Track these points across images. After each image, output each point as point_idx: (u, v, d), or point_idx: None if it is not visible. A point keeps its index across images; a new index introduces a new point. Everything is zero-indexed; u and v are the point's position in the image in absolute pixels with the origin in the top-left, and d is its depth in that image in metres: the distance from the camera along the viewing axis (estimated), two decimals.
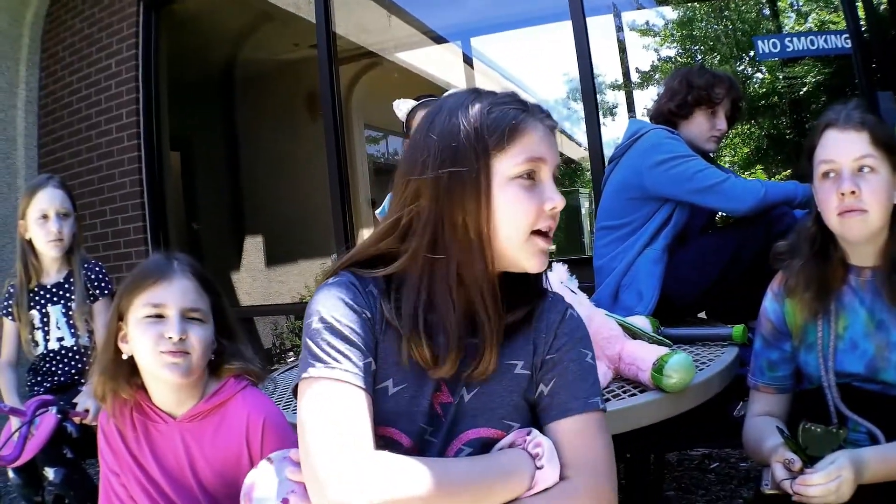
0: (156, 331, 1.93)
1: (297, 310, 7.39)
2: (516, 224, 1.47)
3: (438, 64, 7.87)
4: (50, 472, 3.07)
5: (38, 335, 3.49)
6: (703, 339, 2.88)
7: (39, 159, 7.09)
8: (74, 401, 3.07)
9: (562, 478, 1.47)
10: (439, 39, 7.61)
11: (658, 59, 6.13)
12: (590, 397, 1.54)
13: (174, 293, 1.97)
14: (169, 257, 2.07)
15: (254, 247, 8.16)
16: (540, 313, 1.60)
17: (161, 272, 1.99)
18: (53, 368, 3.48)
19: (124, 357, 2.01)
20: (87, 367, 3.31)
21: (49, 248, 3.41)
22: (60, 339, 3.47)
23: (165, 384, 1.99)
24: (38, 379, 3.51)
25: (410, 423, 1.50)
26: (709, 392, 2.36)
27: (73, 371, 3.49)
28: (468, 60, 7.24)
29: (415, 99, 3.64)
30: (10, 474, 3.22)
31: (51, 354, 3.47)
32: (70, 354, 3.49)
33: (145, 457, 2.03)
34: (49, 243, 3.40)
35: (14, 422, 3.01)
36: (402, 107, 3.61)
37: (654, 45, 6.04)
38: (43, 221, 3.39)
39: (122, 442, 2.05)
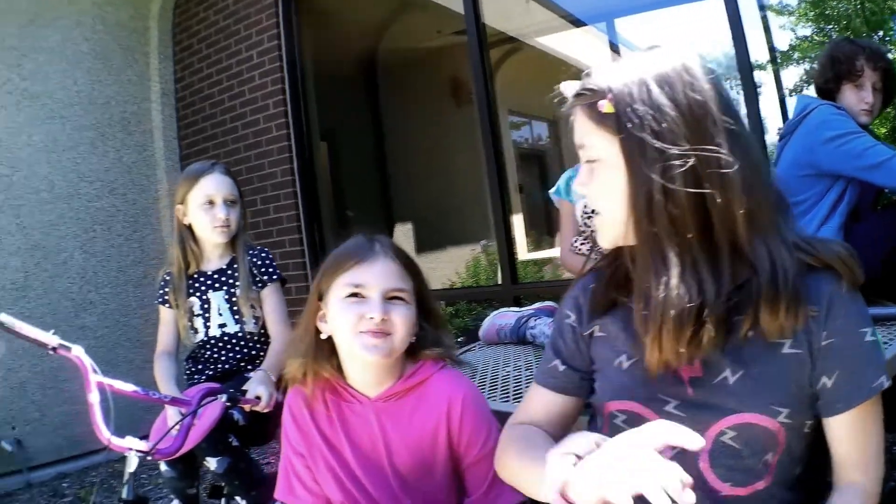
0: (357, 311, 1.93)
1: (449, 296, 7.41)
2: None
3: (580, 47, 7.80)
4: (212, 462, 2.98)
5: (198, 322, 3.38)
6: (881, 319, 2.70)
7: (181, 151, 7.26)
8: (244, 388, 2.93)
9: (843, 479, 1.45)
10: (580, 22, 7.52)
11: (795, 38, 6.08)
12: (873, 381, 1.43)
13: (376, 274, 1.97)
14: (371, 239, 2.06)
15: (403, 234, 8.19)
16: (808, 286, 1.43)
17: (363, 253, 2.00)
18: (215, 356, 3.39)
19: (323, 337, 2.03)
20: (254, 354, 3.37)
21: (215, 235, 3.31)
22: (222, 326, 3.36)
23: (364, 364, 2.00)
24: (199, 367, 3.42)
25: (648, 394, 1.51)
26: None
27: (237, 358, 3.38)
28: (611, 43, 7.15)
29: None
30: (163, 467, 3.14)
31: (212, 341, 3.37)
32: (234, 341, 3.37)
33: (338, 438, 2.05)
34: (215, 229, 3.29)
35: (171, 411, 2.98)
36: (570, 88, 3.54)
37: (790, 24, 5.98)
38: (208, 207, 3.29)
39: (314, 423, 2.07)
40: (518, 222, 8.35)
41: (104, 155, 6.63)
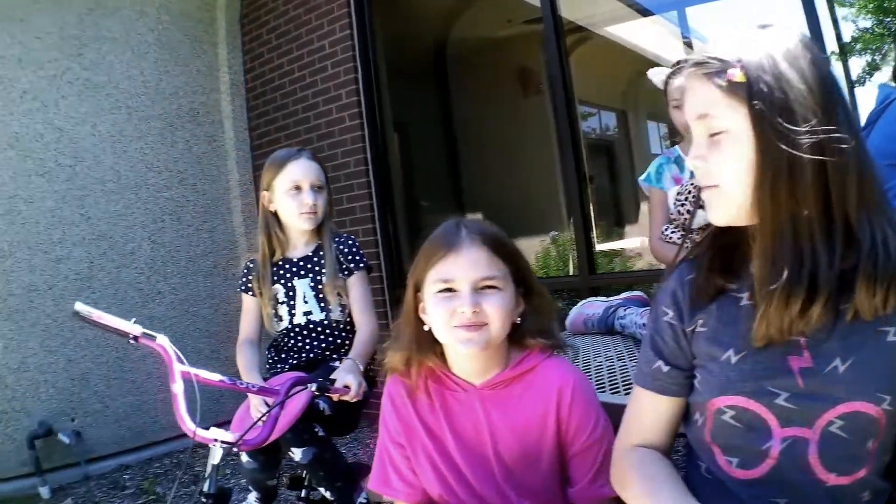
0: (448, 306, 1.88)
1: None
2: None
3: (648, 37, 7.60)
4: (297, 453, 2.92)
5: (283, 310, 3.33)
6: None
7: (251, 141, 7.26)
8: (332, 377, 2.82)
9: None
10: (648, 11, 7.33)
11: (857, 30, 5.88)
12: None
13: (462, 266, 1.90)
14: (458, 225, 1.98)
15: None
16: None
17: (449, 244, 1.93)
18: (299, 344, 3.31)
19: (426, 328, 1.97)
20: (339, 343, 3.31)
21: (302, 221, 3.25)
22: (308, 314, 3.29)
23: (466, 354, 1.95)
24: (282, 356, 3.36)
25: (757, 387, 1.47)
26: None
27: (321, 346, 3.31)
28: (681, 32, 6.92)
29: (671, 66, 3.50)
30: (244, 458, 3.09)
31: (296, 329, 3.31)
32: (319, 329, 3.30)
33: (440, 427, 2.02)
34: (302, 216, 3.24)
35: (255, 401, 2.95)
36: (658, 75, 3.57)
37: (851, 15, 5.78)
38: (295, 193, 3.24)
39: (415, 412, 2.04)
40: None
41: (173, 145, 6.61)
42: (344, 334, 3.32)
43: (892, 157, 3.27)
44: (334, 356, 3.28)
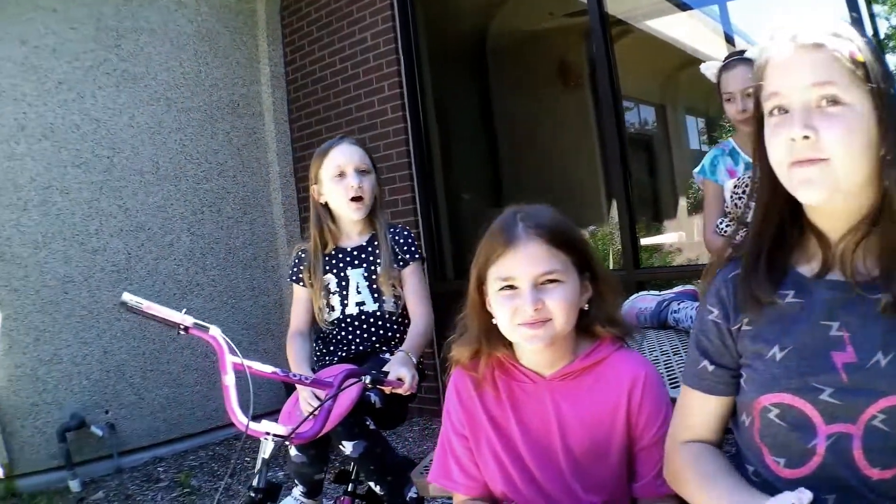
0: (510, 305, 1.84)
1: None
2: None
3: (687, 31, 7.48)
4: (348, 447, 2.87)
5: (335, 300, 3.28)
6: None
7: (292, 134, 7.24)
8: (385, 369, 2.79)
9: None
10: (688, 6, 7.17)
11: (890, 28, 5.79)
12: None
13: (521, 263, 1.85)
14: (515, 216, 1.92)
15: None
16: None
17: (507, 240, 1.87)
18: (349, 336, 3.26)
19: (494, 322, 1.92)
20: (390, 336, 3.28)
21: (351, 210, 3.21)
22: (360, 304, 3.24)
23: (533, 348, 1.91)
24: (331, 348, 3.31)
25: (802, 383, 1.47)
26: None
27: (372, 339, 3.26)
28: (723, 28, 6.79)
29: (723, 59, 3.58)
30: (293, 452, 3.03)
31: (347, 320, 3.26)
32: (371, 321, 3.25)
33: (507, 419, 1.98)
34: (350, 203, 3.19)
35: (304, 394, 2.90)
36: (710, 69, 3.58)
37: (884, 13, 5.69)
38: (339, 178, 3.19)
39: (481, 404, 2.00)
40: None
41: (213, 137, 6.59)
42: (396, 327, 3.28)
43: None
44: (384, 348, 3.25)
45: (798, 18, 1.51)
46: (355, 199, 3.18)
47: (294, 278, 3.32)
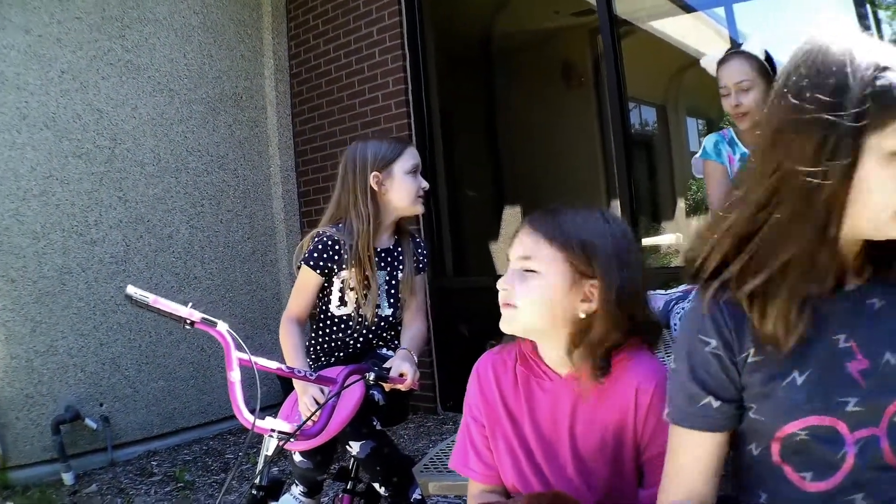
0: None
1: None
2: None
3: (689, 32, 7.45)
4: (355, 447, 2.85)
5: (350, 296, 3.22)
6: None
7: (294, 128, 7.22)
8: (386, 365, 2.79)
9: None
10: (693, 8, 7.13)
11: (892, 32, 5.80)
12: None
13: (516, 245, 1.92)
14: (549, 210, 1.95)
15: (513, 216, 7.94)
16: None
17: (522, 223, 1.94)
18: (349, 338, 3.23)
19: None
20: (388, 339, 3.29)
21: (418, 205, 3.20)
22: (377, 307, 3.20)
23: (560, 342, 1.90)
24: (329, 346, 3.27)
25: (827, 402, 1.42)
26: None
27: (375, 339, 3.27)
28: (728, 30, 6.77)
29: (727, 53, 3.58)
30: (297, 457, 3.01)
31: (359, 319, 3.21)
32: (381, 324, 3.23)
33: (521, 412, 1.98)
34: (418, 199, 3.19)
35: (304, 398, 2.85)
36: (710, 63, 3.61)
37: (887, 18, 5.69)
38: (414, 176, 3.18)
39: (500, 394, 2.01)
40: None
41: (215, 130, 6.55)
42: (394, 333, 3.28)
43: None
44: (380, 344, 3.27)
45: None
46: (420, 196, 3.19)
47: (313, 264, 3.12)
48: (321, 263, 3.12)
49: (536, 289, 1.83)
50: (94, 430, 5.44)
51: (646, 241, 8.02)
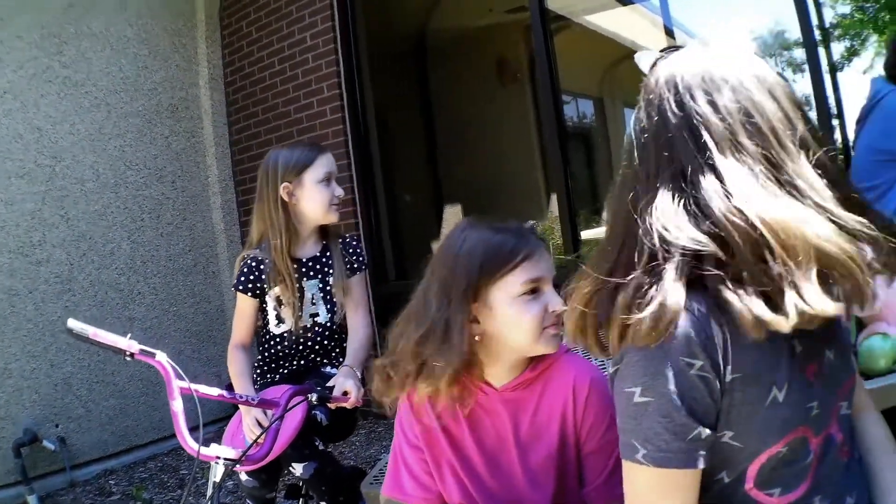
0: (538, 306, 1.82)
1: None
2: None
3: (626, 25, 7.57)
4: (298, 468, 2.91)
5: (286, 311, 3.21)
6: None
7: (231, 136, 7.18)
8: (330, 384, 2.82)
9: None
10: (628, 0, 7.24)
11: (835, 16, 5.94)
12: None
13: (548, 266, 1.89)
14: (527, 228, 1.95)
15: (453, 215, 8.01)
16: None
17: (530, 244, 1.88)
18: (293, 350, 3.25)
19: (476, 338, 1.85)
20: (330, 348, 3.29)
21: (331, 213, 3.16)
22: (314, 316, 3.21)
23: (514, 360, 1.91)
24: (273, 365, 3.31)
25: (804, 413, 1.35)
26: None
27: (317, 350, 3.27)
28: (663, 21, 6.89)
29: (660, 52, 3.56)
30: (244, 477, 3.03)
31: (299, 332, 3.23)
32: (319, 331, 3.24)
33: (462, 432, 1.96)
34: (332, 207, 3.15)
35: (248, 420, 2.87)
36: (645, 59, 3.57)
37: (829, 3, 5.85)
38: (326, 184, 3.15)
39: (437, 418, 1.98)
40: None
41: (152, 142, 6.48)
42: (337, 337, 3.27)
43: (882, 153, 3.38)
44: (325, 361, 3.26)
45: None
46: (334, 204, 3.16)
47: (242, 288, 3.17)
48: (249, 286, 3.18)
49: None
50: (52, 451, 5.37)
51: (585, 235, 8.17)
